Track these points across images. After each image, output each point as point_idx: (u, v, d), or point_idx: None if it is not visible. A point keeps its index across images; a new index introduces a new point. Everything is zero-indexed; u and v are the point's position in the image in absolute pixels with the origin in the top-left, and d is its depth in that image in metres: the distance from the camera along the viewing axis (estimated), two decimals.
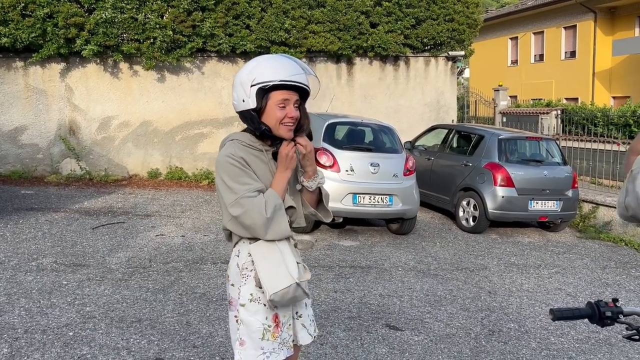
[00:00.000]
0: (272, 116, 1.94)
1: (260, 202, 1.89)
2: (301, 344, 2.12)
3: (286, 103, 1.94)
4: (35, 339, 3.62)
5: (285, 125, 1.95)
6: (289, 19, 10.96)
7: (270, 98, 1.93)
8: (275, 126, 1.95)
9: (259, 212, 1.88)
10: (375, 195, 7.13)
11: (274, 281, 1.91)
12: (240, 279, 2.00)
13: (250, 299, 1.97)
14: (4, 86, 10.25)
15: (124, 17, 9.98)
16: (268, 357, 1.96)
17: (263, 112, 1.95)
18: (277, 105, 1.93)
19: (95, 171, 10.66)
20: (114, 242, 6.20)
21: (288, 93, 1.94)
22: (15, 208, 7.63)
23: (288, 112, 1.94)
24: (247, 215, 1.89)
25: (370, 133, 7.92)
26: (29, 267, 5.12)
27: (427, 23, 11.96)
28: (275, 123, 1.94)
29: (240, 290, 1.99)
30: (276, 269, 1.93)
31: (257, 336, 1.95)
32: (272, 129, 1.95)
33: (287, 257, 1.97)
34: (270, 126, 1.95)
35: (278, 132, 1.96)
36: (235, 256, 2.04)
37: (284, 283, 1.92)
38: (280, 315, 2.00)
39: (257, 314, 1.96)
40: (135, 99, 10.93)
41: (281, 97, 1.92)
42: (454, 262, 6.62)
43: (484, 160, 8.38)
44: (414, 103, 12.36)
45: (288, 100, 1.94)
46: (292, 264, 1.96)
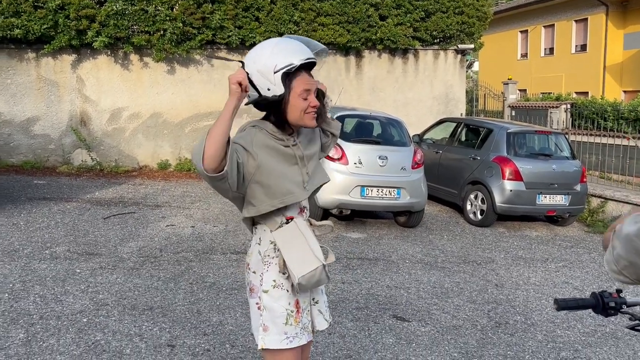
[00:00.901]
0: (296, 107, 1.98)
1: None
2: (318, 330, 2.18)
3: (308, 93, 1.99)
4: (50, 324, 3.71)
5: (308, 114, 2.02)
6: (298, 11, 10.98)
7: (293, 87, 1.97)
8: (300, 116, 2.00)
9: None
10: (383, 187, 7.17)
11: (300, 265, 1.95)
12: (262, 266, 2.04)
13: (274, 285, 2.01)
14: (17, 77, 10.35)
15: (134, 9, 10.03)
16: (291, 341, 2.01)
17: (287, 104, 1.99)
18: (299, 96, 1.98)
19: (106, 162, 10.76)
20: (125, 232, 6.29)
21: (308, 81, 1.99)
22: (29, 197, 7.74)
23: (310, 102, 2.00)
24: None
25: (378, 126, 7.94)
26: (43, 255, 5.22)
27: (436, 16, 11.92)
28: (299, 113, 2.00)
29: (262, 277, 2.03)
30: (302, 253, 1.97)
31: (280, 321, 2.00)
32: (294, 120, 2.01)
33: (311, 241, 2.02)
34: (295, 116, 2.00)
35: (302, 121, 2.02)
36: (256, 244, 2.07)
37: (311, 266, 1.96)
38: (300, 300, 2.06)
39: (280, 300, 2.01)
40: (145, 90, 11.01)
41: (302, 87, 1.97)
42: (461, 255, 6.66)
43: (492, 153, 8.38)
44: (423, 96, 12.36)
45: (309, 90, 2.00)
46: (316, 247, 2.01)
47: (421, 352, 3.84)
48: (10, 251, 5.26)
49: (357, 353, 3.72)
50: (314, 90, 2.02)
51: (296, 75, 1.99)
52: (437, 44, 12.29)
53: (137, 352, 3.42)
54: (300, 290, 2.00)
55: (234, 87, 1.82)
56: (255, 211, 2.00)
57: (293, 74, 1.98)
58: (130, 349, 3.45)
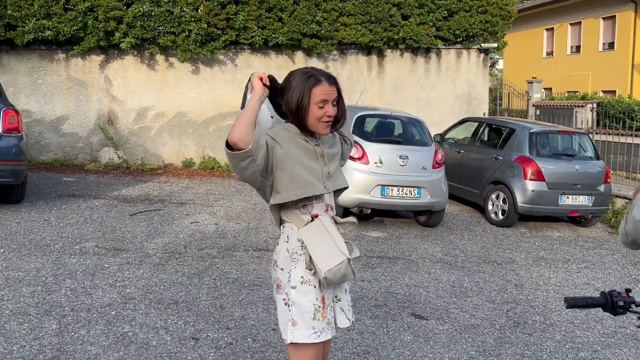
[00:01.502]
0: (312, 115, 2.11)
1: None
2: (339, 327, 2.25)
3: (325, 103, 2.11)
4: (81, 316, 3.88)
5: (323, 122, 2.13)
6: (321, 11, 11.07)
7: (312, 95, 2.10)
8: (314, 123, 2.12)
9: None
10: (403, 187, 7.22)
11: (326, 259, 2.05)
12: (290, 263, 2.13)
13: (301, 281, 2.11)
14: (47, 77, 10.67)
15: (160, 11, 10.25)
16: (319, 336, 2.10)
17: (306, 110, 2.11)
18: (316, 104, 2.11)
19: (132, 160, 11.02)
20: (151, 229, 6.47)
21: (327, 91, 2.12)
22: (59, 194, 8.00)
23: (327, 111, 2.12)
24: None
25: (399, 125, 7.99)
26: (73, 250, 5.42)
27: (459, 15, 11.89)
28: (314, 120, 2.12)
29: (290, 274, 2.12)
30: (328, 248, 2.07)
31: (308, 316, 2.09)
32: (309, 125, 2.13)
33: (336, 237, 2.11)
34: (310, 123, 2.12)
35: (316, 128, 2.14)
36: (284, 242, 2.17)
37: (337, 260, 2.06)
38: (325, 297, 2.15)
39: (308, 295, 2.10)
40: (170, 90, 11.23)
41: (320, 97, 2.10)
42: (482, 255, 6.68)
43: (514, 153, 8.36)
44: (445, 95, 12.34)
45: (327, 100, 2.11)
46: (341, 242, 2.10)
47: (439, 349, 3.90)
48: (42, 246, 5.48)
49: (375, 349, 3.80)
50: (332, 100, 2.14)
51: (317, 85, 2.11)
52: (460, 43, 12.26)
53: (163, 344, 3.56)
54: (326, 284, 2.09)
55: (257, 82, 2.08)
56: (280, 198, 2.11)
57: (314, 84, 2.10)
58: (157, 341, 3.59)
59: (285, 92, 2.14)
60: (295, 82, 2.13)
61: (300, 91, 2.10)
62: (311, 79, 2.12)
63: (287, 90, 2.14)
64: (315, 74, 2.14)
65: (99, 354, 3.36)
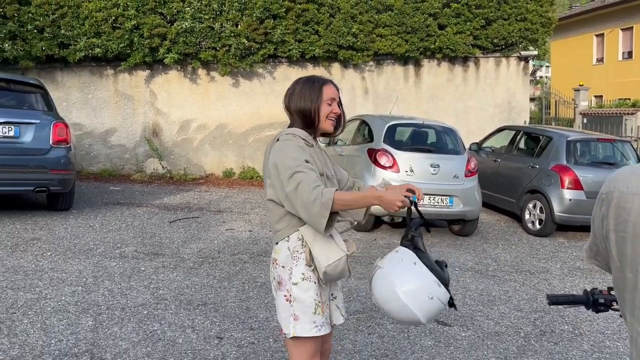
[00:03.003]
0: (323, 112, 2.31)
1: (312, 178, 2.10)
2: (334, 324, 2.39)
3: (332, 101, 2.32)
4: (115, 315, 4.13)
5: (329, 120, 2.32)
6: (357, 23, 11.24)
7: (322, 94, 2.30)
8: (322, 119, 2.31)
9: (308, 188, 2.07)
10: (435, 195, 7.24)
11: (326, 255, 2.18)
12: (291, 260, 2.25)
13: (302, 277, 2.23)
14: (97, 92, 11.27)
15: (201, 27, 10.68)
16: (319, 329, 2.23)
17: (318, 109, 2.31)
18: (326, 102, 2.31)
19: (176, 170, 11.45)
20: (187, 235, 6.75)
21: (335, 92, 2.34)
22: (104, 202, 8.44)
23: (333, 109, 2.32)
24: (300, 188, 2.08)
25: (432, 134, 8.02)
26: (113, 254, 5.74)
27: (497, 23, 11.82)
28: (322, 117, 2.31)
29: (291, 271, 2.24)
30: (327, 245, 2.20)
31: (310, 311, 2.22)
32: (321, 123, 2.32)
33: (334, 234, 2.27)
34: (321, 120, 2.31)
35: (324, 125, 2.32)
36: (284, 240, 2.28)
37: (336, 256, 2.19)
38: (322, 293, 2.28)
39: (309, 291, 2.23)
40: (212, 103, 11.64)
41: (330, 95, 2.30)
42: (515, 264, 6.60)
43: (551, 162, 8.23)
44: (484, 104, 12.24)
45: (335, 99, 2.33)
46: (339, 239, 2.26)
47: (459, 355, 3.93)
48: (85, 250, 5.82)
49: (394, 353, 3.87)
50: (337, 101, 2.35)
51: (325, 84, 2.33)
52: (499, 51, 12.16)
53: (189, 342, 3.75)
54: (325, 279, 2.22)
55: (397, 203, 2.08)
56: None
57: (323, 83, 2.32)
58: (183, 339, 3.79)
59: (295, 95, 2.33)
60: (306, 85, 2.33)
61: (313, 90, 2.30)
62: (320, 80, 2.35)
63: (298, 92, 2.32)
64: (320, 77, 2.38)
65: (128, 349, 3.59)
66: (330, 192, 2.06)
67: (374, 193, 2.10)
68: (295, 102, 2.31)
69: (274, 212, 2.30)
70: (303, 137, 2.28)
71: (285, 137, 2.27)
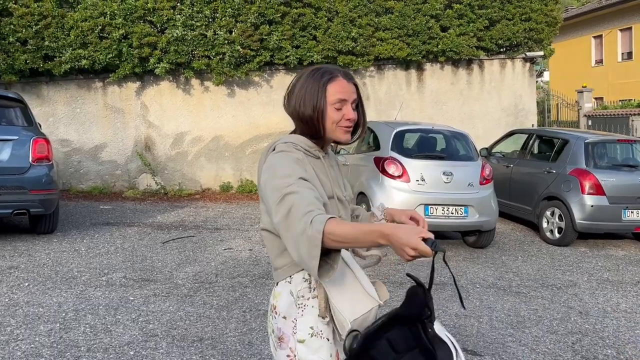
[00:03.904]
0: (328, 117, 1.72)
1: (307, 201, 1.52)
2: None
3: (343, 104, 1.72)
4: (97, 357, 3.57)
5: (342, 128, 1.74)
6: (356, 27, 10.77)
7: (327, 94, 1.71)
8: (332, 128, 1.73)
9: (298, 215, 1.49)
10: (448, 206, 6.71)
11: (351, 305, 1.61)
12: (295, 309, 1.69)
13: (311, 333, 1.66)
14: (85, 106, 10.74)
15: (193, 35, 10.19)
16: None
17: (323, 113, 1.73)
18: (333, 105, 1.72)
19: (170, 186, 10.91)
20: (182, 257, 6.20)
21: (346, 89, 1.73)
22: (93, 223, 7.88)
23: (345, 114, 1.72)
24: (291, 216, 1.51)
25: (442, 140, 7.51)
26: (99, 282, 5.18)
27: (501, 24, 11.37)
28: (331, 124, 1.72)
29: (296, 324, 1.68)
30: (351, 290, 1.63)
31: None
32: (327, 131, 1.74)
33: (359, 274, 1.68)
34: (327, 128, 1.73)
35: (334, 135, 1.74)
36: (285, 282, 1.72)
37: (364, 307, 1.62)
38: (339, 354, 1.70)
39: (321, 351, 1.66)
40: (206, 114, 11.12)
41: (338, 96, 1.71)
42: (539, 278, 6.08)
43: (569, 166, 7.73)
44: (490, 108, 11.76)
45: (345, 100, 1.72)
46: (367, 282, 1.67)
47: None
48: (68, 278, 5.26)
49: None
50: (351, 101, 1.75)
51: (332, 80, 1.72)
52: (504, 52, 11.71)
53: None
54: (343, 337, 1.63)
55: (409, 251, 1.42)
56: None
57: (329, 80, 1.72)
58: None
59: (293, 97, 1.76)
60: (306, 81, 1.75)
61: (314, 90, 1.71)
62: (325, 75, 1.73)
63: (297, 92, 1.75)
64: (329, 69, 1.76)
65: None
66: (320, 222, 1.45)
67: (380, 228, 1.45)
68: (292, 106, 1.75)
69: (270, 245, 1.74)
70: (305, 146, 1.73)
71: (281, 146, 1.71)
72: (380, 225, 1.48)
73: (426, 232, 1.45)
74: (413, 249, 1.40)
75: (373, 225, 1.50)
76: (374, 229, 1.46)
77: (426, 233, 1.44)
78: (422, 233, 1.43)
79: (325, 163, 1.78)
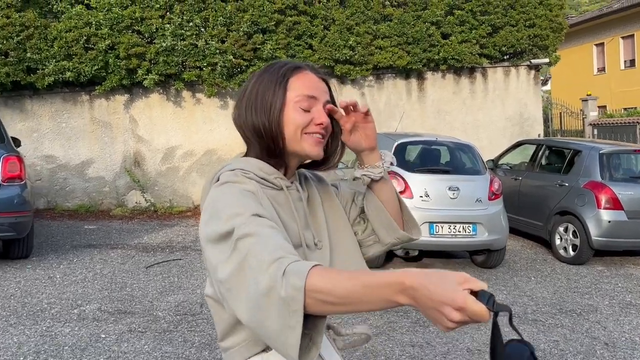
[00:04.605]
0: (289, 121, 1.20)
1: (270, 244, 1.01)
2: None
3: (311, 103, 1.21)
4: None
5: (310, 136, 1.21)
6: (354, 35, 10.33)
7: (288, 90, 1.21)
8: (295, 136, 1.20)
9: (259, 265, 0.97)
10: (455, 224, 6.21)
11: None
12: None
13: None
14: (71, 121, 10.26)
15: (183, 45, 9.74)
16: None
17: (281, 119, 1.22)
18: (297, 103, 1.20)
19: (160, 202, 10.40)
20: (165, 283, 5.67)
21: (315, 84, 1.23)
22: (74, 245, 7.35)
23: (315, 117, 1.21)
24: (246, 268, 0.99)
25: (446, 152, 7.03)
26: (70, 316, 4.65)
27: (505, 30, 10.93)
28: (294, 131, 1.20)
29: None
30: None
31: None
32: (288, 142, 1.21)
33: (327, 352, 1.20)
34: (288, 138, 1.21)
35: (299, 146, 1.21)
36: None
37: None
38: None
39: None
40: (198, 127, 10.65)
41: (303, 91, 1.20)
42: (555, 302, 5.56)
43: (582, 179, 7.23)
44: (494, 117, 11.29)
45: (314, 98, 1.21)
46: None
47: None
48: (36, 311, 4.74)
49: None
50: (322, 100, 1.23)
51: (295, 72, 1.23)
52: (507, 60, 11.27)
53: None
54: None
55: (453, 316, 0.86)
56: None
57: (291, 72, 1.22)
58: None
59: (241, 101, 1.26)
60: (259, 78, 1.24)
61: (268, 86, 1.21)
62: (285, 67, 1.24)
63: (246, 95, 1.25)
64: (290, 61, 1.29)
65: None
66: (299, 273, 0.94)
67: (398, 278, 0.90)
68: (241, 115, 1.24)
69: (218, 317, 1.21)
70: (261, 173, 1.20)
71: (226, 175, 1.17)
72: (398, 274, 0.91)
73: (474, 280, 0.88)
74: (458, 309, 0.85)
75: (385, 275, 0.92)
76: (389, 279, 0.90)
77: (474, 282, 0.87)
78: (468, 282, 0.87)
79: (290, 196, 1.23)
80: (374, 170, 1.33)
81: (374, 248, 1.38)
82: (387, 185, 1.37)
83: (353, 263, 1.31)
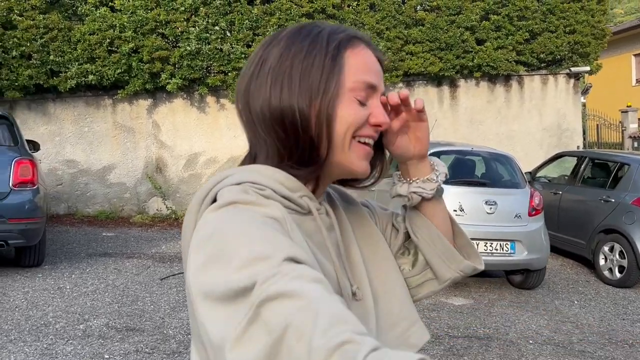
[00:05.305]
0: (341, 119, 0.80)
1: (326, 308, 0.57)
2: None
3: (369, 94, 0.83)
4: None
5: (361, 145, 0.83)
6: (384, 40, 9.94)
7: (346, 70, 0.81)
8: (344, 142, 0.81)
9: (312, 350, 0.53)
10: (492, 241, 5.73)
11: None
12: None
13: None
14: (94, 125, 10.10)
15: (208, 49, 9.49)
16: None
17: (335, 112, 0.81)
18: (350, 92, 0.81)
19: (182, 210, 10.13)
20: (179, 297, 5.33)
21: (373, 67, 0.85)
22: (89, 254, 7.09)
23: (374, 113, 0.83)
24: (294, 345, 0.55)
25: (482, 164, 6.56)
26: (75, 332, 4.34)
27: (543, 36, 10.40)
28: (344, 134, 0.81)
29: None
30: None
31: None
32: (334, 149, 0.81)
33: None
34: (334, 142, 0.81)
35: (345, 157, 0.82)
36: None
37: None
38: None
39: None
40: (222, 133, 10.37)
41: (363, 77, 0.81)
42: (603, 330, 5.03)
43: (631, 194, 6.67)
44: (530, 128, 10.73)
45: (375, 88, 0.83)
46: None
47: None
48: (39, 326, 4.44)
49: None
50: (381, 92, 0.85)
51: (351, 45, 0.83)
52: (546, 67, 10.71)
53: None
54: None
55: None
56: None
57: (347, 43, 0.83)
58: None
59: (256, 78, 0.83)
60: (293, 42, 0.83)
61: (314, 58, 0.81)
62: (340, 35, 0.84)
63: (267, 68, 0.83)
64: (339, 26, 0.87)
65: None
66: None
67: None
68: (261, 96, 0.82)
69: None
70: (282, 190, 0.80)
71: (230, 193, 0.74)
72: None
73: None
74: None
75: None
76: None
77: None
78: None
79: (322, 224, 0.83)
80: (426, 186, 0.93)
81: (428, 287, 0.98)
82: (441, 204, 0.97)
83: (404, 317, 0.91)
